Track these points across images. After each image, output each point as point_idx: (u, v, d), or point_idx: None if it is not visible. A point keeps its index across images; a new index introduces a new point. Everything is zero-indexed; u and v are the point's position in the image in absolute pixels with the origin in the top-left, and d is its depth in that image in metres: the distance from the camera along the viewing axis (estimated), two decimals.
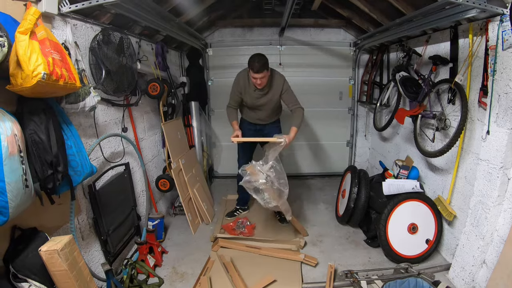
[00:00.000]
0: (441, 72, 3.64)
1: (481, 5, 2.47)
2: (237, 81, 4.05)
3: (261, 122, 4.26)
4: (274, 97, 3.98)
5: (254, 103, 4.06)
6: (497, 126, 2.70)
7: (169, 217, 4.67)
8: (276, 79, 3.94)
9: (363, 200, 4.03)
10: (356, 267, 3.43)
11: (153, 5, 3.29)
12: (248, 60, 3.73)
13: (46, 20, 2.33)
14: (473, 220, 2.98)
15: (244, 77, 3.95)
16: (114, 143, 3.42)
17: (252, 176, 3.41)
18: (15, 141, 1.78)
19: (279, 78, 3.94)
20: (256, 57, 3.67)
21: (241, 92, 4.02)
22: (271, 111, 4.15)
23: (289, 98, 3.96)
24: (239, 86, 4.01)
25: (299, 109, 3.92)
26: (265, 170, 3.43)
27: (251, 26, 5.97)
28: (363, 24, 5.15)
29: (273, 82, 3.93)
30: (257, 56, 3.68)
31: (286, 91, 3.94)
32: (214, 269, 3.43)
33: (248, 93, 4.00)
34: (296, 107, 3.93)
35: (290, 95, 3.96)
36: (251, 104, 4.09)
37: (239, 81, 4.03)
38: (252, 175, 3.41)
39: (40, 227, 2.27)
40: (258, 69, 3.64)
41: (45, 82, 1.82)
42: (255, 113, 4.20)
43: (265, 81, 3.79)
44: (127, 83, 3.30)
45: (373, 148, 6.20)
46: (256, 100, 4.02)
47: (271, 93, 3.96)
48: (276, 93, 3.95)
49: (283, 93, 3.94)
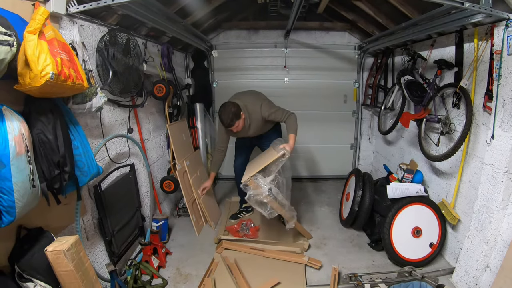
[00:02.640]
0: (446, 76, 3.64)
1: (487, 10, 2.48)
2: (220, 127, 4.03)
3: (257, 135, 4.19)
4: (258, 124, 3.91)
5: (244, 137, 4.11)
6: (502, 130, 2.70)
7: (173, 218, 4.68)
8: (252, 112, 3.84)
9: (367, 203, 4.02)
10: (360, 270, 3.42)
11: (159, 7, 3.31)
12: (218, 113, 3.69)
13: (54, 20, 2.36)
14: (477, 224, 2.97)
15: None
16: (120, 144, 3.44)
17: (254, 191, 3.39)
18: (23, 141, 1.80)
19: (255, 109, 3.83)
20: (223, 113, 3.61)
21: (226, 132, 3.98)
22: (263, 131, 4.12)
23: (276, 116, 3.85)
24: (224, 131, 3.98)
25: (290, 117, 3.82)
26: (267, 183, 3.41)
27: (257, 29, 5.99)
28: (368, 28, 5.15)
29: (252, 116, 3.84)
30: (224, 111, 3.61)
31: (269, 114, 3.83)
32: (218, 271, 3.43)
33: (233, 133, 3.99)
34: (287, 116, 3.82)
35: (275, 115, 3.84)
36: (242, 138, 4.19)
37: (220, 128, 4.04)
38: (255, 189, 3.39)
39: (45, 227, 2.28)
40: (228, 124, 3.64)
41: (53, 82, 1.84)
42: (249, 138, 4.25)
43: (241, 126, 3.74)
44: (134, 84, 3.32)
45: (377, 151, 6.19)
46: (243, 134, 4.01)
47: (254, 124, 3.89)
48: (259, 122, 3.88)
49: (267, 117, 3.83)
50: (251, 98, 3.92)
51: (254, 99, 3.91)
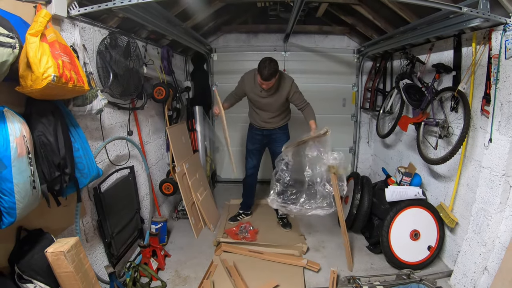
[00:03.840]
0: (444, 80, 3.66)
1: (485, 15, 2.49)
2: (242, 80, 4.10)
3: (267, 126, 4.24)
4: (280, 99, 3.98)
5: (258, 102, 4.08)
6: (500, 134, 2.72)
7: (172, 221, 4.68)
8: (283, 82, 3.93)
9: (365, 207, 4.02)
10: (359, 273, 3.44)
11: (160, 10, 3.33)
12: (259, 64, 3.69)
13: (55, 23, 2.37)
14: (475, 227, 2.99)
15: (250, 77, 3.98)
16: (119, 146, 3.45)
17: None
18: (24, 143, 1.80)
19: (287, 81, 3.94)
20: (267, 65, 3.62)
21: (245, 90, 4.07)
22: (276, 113, 4.15)
23: (297, 99, 3.99)
24: (244, 85, 4.06)
25: (308, 105, 4.01)
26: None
27: (256, 32, 6.02)
28: (367, 32, 5.17)
29: (280, 85, 3.92)
30: (268, 64, 3.62)
31: (294, 93, 3.95)
32: (217, 273, 3.44)
33: (253, 92, 4.02)
34: (305, 105, 4.01)
35: (298, 96, 3.99)
36: (255, 102, 4.12)
37: (243, 81, 4.08)
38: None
39: (45, 228, 2.29)
40: (266, 77, 3.64)
41: (54, 84, 1.84)
42: (259, 115, 4.20)
43: (271, 84, 3.79)
44: (134, 86, 3.33)
45: (375, 154, 6.20)
46: (261, 99, 4.03)
47: (277, 95, 3.96)
48: (282, 95, 3.96)
49: (291, 95, 3.95)
50: (284, 73, 4.07)
51: (287, 74, 4.08)
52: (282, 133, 4.30)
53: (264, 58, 3.70)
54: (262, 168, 4.73)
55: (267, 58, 3.69)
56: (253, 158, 4.47)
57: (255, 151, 4.44)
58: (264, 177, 5.44)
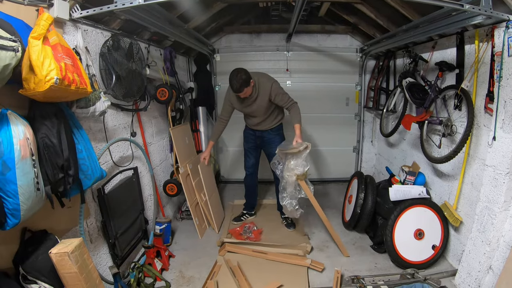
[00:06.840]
0: (447, 78, 3.64)
1: (487, 12, 2.48)
2: (226, 97, 4.15)
3: (260, 128, 4.27)
4: (263, 103, 3.98)
5: (245, 110, 4.13)
6: (503, 132, 2.70)
7: (176, 222, 4.70)
8: (262, 86, 3.92)
9: (369, 206, 4.02)
10: (363, 273, 3.43)
11: (162, 11, 3.35)
12: (229, 78, 3.71)
13: (57, 25, 2.38)
14: (479, 226, 2.97)
15: (231, 91, 3.96)
16: (123, 147, 3.46)
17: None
18: (27, 145, 1.81)
19: (266, 85, 3.93)
20: (235, 77, 3.64)
21: (231, 102, 4.10)
22: (264, 117, 4.16)
23: (281, 100, 3.95)
24: (229, 95, 4.08)
25: (293, 105, 3.97)
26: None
27: (258, 32, 6.02)
28: (369, 30, 5.17)
29: (260, 89, 3.92)
30: (235, 76, 3.65)
31: (276, 95, 3.92)
32: (221, 274, 3.44)
33: (237, 104, 4.07)
34: (290, 104, 3.96)
35: (281, 97, 3.95)
36: (243, 111, 4.19)
37: (227, 97, 4.13)
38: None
39: (50, 229, 2.30)
40: (237, 89, 3.69)
41: (57, 87, 1.85)
42: (251, 120, 4.26)
43: (248, 93, 3.81)
44: (137, 88, 3.34)
45: (379, 154, 6.19)
46: (246, 108, 4.07)
47: (259, 99, 3.96)
48: (264, 99, 3.95)
49: (273, 97, 3.93)
50: (264, 75, 4.05)
51: (267, 77, 4.04)
52: (275, 134, 4.30)
53: (233, 70, 3.72)
54: (262, 168, 4.75)
55: (235, 70, 3.71)
56: (250, 156, 4.52)
57: (251, 149, 4.49)
58: (264, 177, 5.43)
